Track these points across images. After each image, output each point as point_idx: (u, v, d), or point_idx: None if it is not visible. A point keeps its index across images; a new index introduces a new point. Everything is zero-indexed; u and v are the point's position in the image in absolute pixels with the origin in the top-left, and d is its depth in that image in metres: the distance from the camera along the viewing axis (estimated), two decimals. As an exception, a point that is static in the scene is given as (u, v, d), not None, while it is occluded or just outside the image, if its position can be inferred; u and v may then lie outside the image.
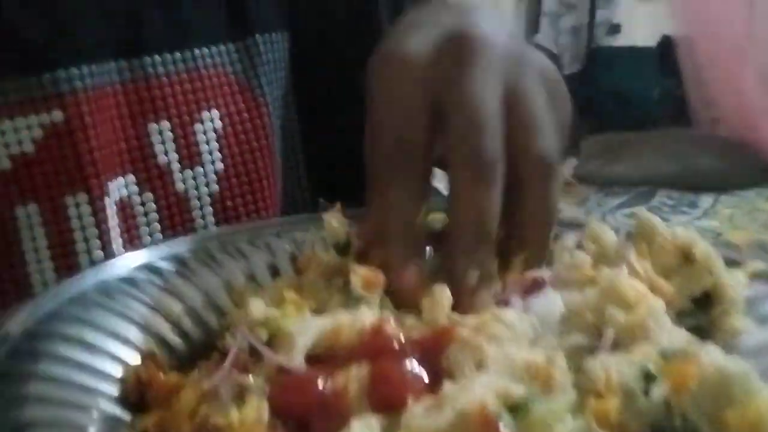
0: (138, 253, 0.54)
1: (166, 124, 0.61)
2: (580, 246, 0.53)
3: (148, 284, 0.51)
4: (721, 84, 1.53)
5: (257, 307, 0.40)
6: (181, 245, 0.57)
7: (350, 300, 0.42)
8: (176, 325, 0.49)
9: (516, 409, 0.32)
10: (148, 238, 0.62)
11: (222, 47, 0.65)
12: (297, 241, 0.58)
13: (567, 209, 1.40)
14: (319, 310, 0.42)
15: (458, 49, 0.49)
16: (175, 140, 0.62)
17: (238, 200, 0.65)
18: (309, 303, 0.42)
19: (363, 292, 0.42)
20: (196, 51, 0.63)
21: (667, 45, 2.46)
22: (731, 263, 0.49)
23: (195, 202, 0.63)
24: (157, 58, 0.61)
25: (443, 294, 0.43)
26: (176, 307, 0.50)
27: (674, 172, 1.49)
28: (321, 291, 0.44)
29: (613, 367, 0.35)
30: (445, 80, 0.49)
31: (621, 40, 3.38)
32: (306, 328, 0.38)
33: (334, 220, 0.48)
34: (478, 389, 0.32)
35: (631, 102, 1.73)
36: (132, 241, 0.61)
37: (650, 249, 0.49)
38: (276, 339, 0.39)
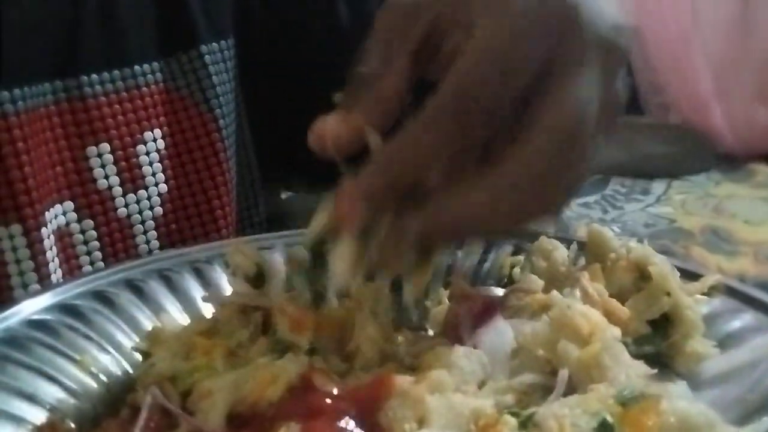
0: (51, 292, 0.50)
1: (105, 147, 0.57)
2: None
3: (61, 327, 0.46)
4: (669, 70, 1.52)
5: (163, 361, 0.35)
6: (103, 278, 0.53)
7: (276, 346, 0.38)
8: (92, 373, 0.44)
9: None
10: (89, 267, 0.57)
11: (162, 62, 0.59)
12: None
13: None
14: (235, 352, 0.38)
15: None
16: (115, 163, 0.57)
17: (184, 222, 0.60)
18: (222, 346, 0.37)
19: (291, 335, 0.38)
20: (136, 68, 0.58)
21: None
22: (688, 275, 0.47)
23: (138, 227, 0.58)
24: (93, 77, 0.56)
25: (346, 246, 0.37)
26: (93, 352, 0.45)
27: (627, 160, 1.47)
28: (237, 329, 0.40)
29: (566, 417, 0.32)
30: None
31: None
32: (225, 384, 0.34)
33: (238, 255, 0.43)
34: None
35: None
36: (72, 271, 0.56)
37: (603, 267, 0.46)
38: (192, 395, 0.35)
